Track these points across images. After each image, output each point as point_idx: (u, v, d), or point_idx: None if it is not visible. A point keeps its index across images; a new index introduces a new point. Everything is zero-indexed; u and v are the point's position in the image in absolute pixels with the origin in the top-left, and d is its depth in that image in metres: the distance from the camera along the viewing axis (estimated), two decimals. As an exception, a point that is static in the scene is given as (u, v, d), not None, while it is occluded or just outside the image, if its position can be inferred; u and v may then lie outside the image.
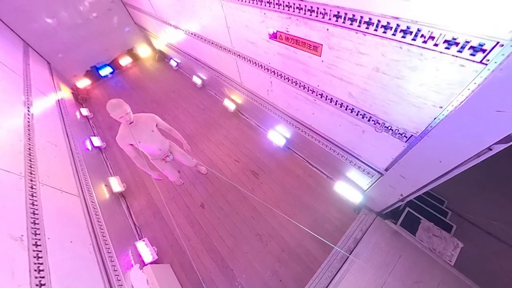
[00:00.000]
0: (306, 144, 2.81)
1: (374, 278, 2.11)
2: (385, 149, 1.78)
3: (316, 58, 1.70)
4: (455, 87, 1.12)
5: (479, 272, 2.24)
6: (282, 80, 2.26)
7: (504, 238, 2.84)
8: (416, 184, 1.71)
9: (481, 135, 1.13)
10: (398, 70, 1.29)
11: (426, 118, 1.34)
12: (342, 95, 1.76)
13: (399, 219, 2.49)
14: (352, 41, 1.39)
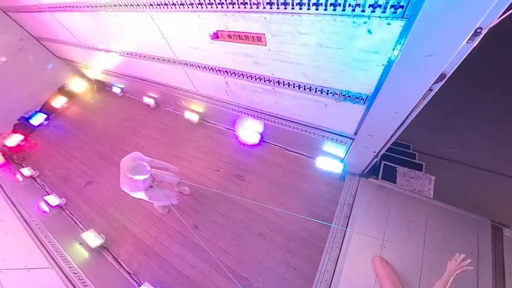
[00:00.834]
0: (279, 132, 2.88)
1: (375, 233, 2.31)
2: (349, 116, 1.93)
3: (263, 48, 1.75)
4: (388, 44, 1.26)
5: (454, 195, 2.60)
6: (237, 77, 2.27)
7: (464, 160, 3.32)
8: (384, 138, 1.90)
9: (421, 80, 1.29)
10: (338, 41, 1.39)
11: (374, 78, 1.48)
12: (297, 76, 1.84)
13: (379, 173, 2.74)
14: (291, 24, 1.45)
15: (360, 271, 2.18)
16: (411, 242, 2.21)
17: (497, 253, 2.04)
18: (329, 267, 2.30)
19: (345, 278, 2.18)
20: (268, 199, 2.89)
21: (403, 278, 2.04)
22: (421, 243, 2.19)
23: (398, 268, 2.10)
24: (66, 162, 4.22)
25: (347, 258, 2.26)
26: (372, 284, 2.10)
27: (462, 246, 2.10)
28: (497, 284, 1.92)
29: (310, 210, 2.71)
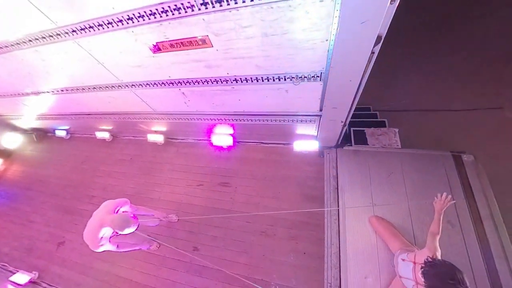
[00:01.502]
0: (250, 129, 2.89)
1: (364, 195, 2.49)
2: (310, 95, 2.02)
3: (211, 50, 1.72)
4: (326, 20, 1.34)
5: (416, 139, 2.93)
6: (192, 86, 2.21)
7: (416, 107, 3.75)
8: (346, 106, 2.04)
9: (363, 45, 1.41)
10: (281, 27, 1.44)
11: (323, 54, 1.57)
12: (252, 70, 1.86)
13: (351, 140, 2.94)
14: (231, 20, 1.45)
15: (362, 234, 2.34)
16: (395, 192, 2.44)
17: (463, 177, 2.37)
18: (333, 240, 2.42)
19: (350, 244, 2.32)
20: (260, 196, 2.90)
21: (398, 227, 2.25)
22: (403, 190, 2.43)
23: (391, 220, 2.30)
24: (25, 230, 3.67)
25: (346, 227, 2.40)
26: (374, 242, 2.27)
27: (436, 181, 2.38)
28: (470, 202, 2.24)
29: (301, 192, 2.80)
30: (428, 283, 1.46)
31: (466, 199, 2.26)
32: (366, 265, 2.21)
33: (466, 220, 2.18)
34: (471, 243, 2.09)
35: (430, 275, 1.46)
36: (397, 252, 2.01)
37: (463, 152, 2.48)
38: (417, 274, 1.61)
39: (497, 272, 1.95)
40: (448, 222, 2.16)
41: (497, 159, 3.01)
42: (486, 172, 2.38)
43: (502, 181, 2.60)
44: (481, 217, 2.17)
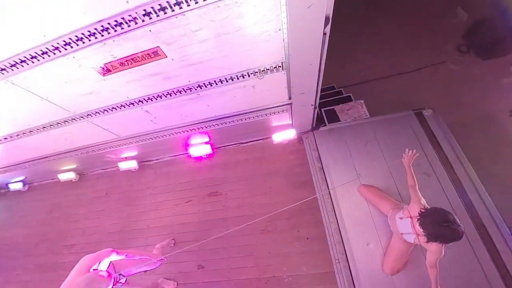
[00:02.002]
0: (226, 132, 2.86)
1: (348, 168, 2.62)
2: (277, 86, 2.06)
3: (166, 61, 1.65)
4: (275, 10, 1.36)
5: (383, 104, 3.15)
6: (155, 101, 2.10)
7: (374, 76, 4.03)
8: (312, 90, 2.11)
9: (314, 28, 1.46)
10: (232, 24, 1.43)
11: (279, 43, 1.60)
12: (213, 73, 1.83)
13: (325, 120, 3.07)
14: (179, 26, 1.40)
15: (355, 205, 2.47)
16: (374, 159, 2.61)
17: (427, 130, 2.62)
18: (331, 218, 2.52)
19: (347, 218, 2.44)
20: (252, 196, 2.90)
21: (384, 189, 2.42)
22: (380, 155, 2.61)
23: (377, 184, 2.47)
24: (-1, 304, 3.23)
25: (339, 202, 2.52)
26: (367, 209, 2.42)
27: (406, 140, 2.60)
28: (438, 151, 2.49)
29: (290, 181, 2.86)
30: (427, 231, 1.60)
31: (435, 149, 2.51)
32: (365, 233, 2.35)
33: (438, 168, 2.42)
34: (447, 186, 2.33)
35: (427, 224, 1.61)
36: (389, 212, 2.16)
37: (422, 108, 2.74)
38: (415, 227, 1.76)
39: (473, 206, 2.21)
40: (425, 173, 2.38)
41: (451, 107, 3.38)
42: (445, 121, 2.66)
43: (459, 126, 2.93)
44: (450, 162, 2.43)
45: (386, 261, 2.15)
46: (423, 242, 1.72)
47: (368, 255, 2.27)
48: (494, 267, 1.99)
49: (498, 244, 2.05)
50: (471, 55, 3.76)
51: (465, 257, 2.04)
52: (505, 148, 3.12)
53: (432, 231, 1.58)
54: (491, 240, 2.08)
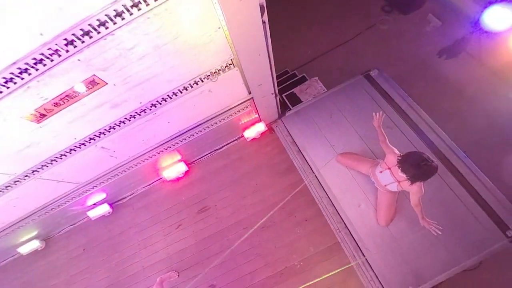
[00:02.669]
0: (196, 144, 2.77)
1: (322, 143, 2.76)
2: (234, 84, 2.05)
3: (108, 88, 1.52)
4: (209, 9, 1.34)
5: (335, 76, 3.35)
6: (109, 134, 1.94)
7: (320, 52, 4.26)
8: (268, 79, 2.15)
9: (251, 19, 1.48)
10: (169, 32, 1.37)
11: (223, 42, 1.59)
12: (164, 87, 1.75)
13: (288, 105, 3.17)
14: (111, 47, 1.30)
15: (338, 175, 2.62)
16: (342, 127, 2.79)
17: (379, 89, 2.87)
18: (321, 194, 2.64)
19: (334, 188, 2.58)
20: (242, 198, 2.88)
21: (359, 152, 2.62)
22: (346, 123, 2.80)
23: (352, 150, 2.65)
24: None
25: (323, 176, 2.65)
26: (350, 175, 2.59)
27: (364, 102, 2.82)
28: (392, 105, 2.75)
29: (274, 172, 2.91)
30: (409, 174, 1.78)
31: (389, 104, 2.78)
32: (354, 197, 2.52)
33: (397, 119, 2.69)
34: (408, 133, 2.61)
35: (407, 168, 1.78)
36: (369, 171, 2.34)
37: (369, 70, 3.00)
38: (395, 175, 1.94)
39: (433, 143, 2.52)
40: (387, 127, 2.62)
41: (392, 63, 3.76)
42: (390, 76, 2.95)
43: (402, 77, 3.28)
44: (404, 111, 2.71)
45: (378, 215, 2.35)
46: (406, 186, 1.91)
47: (362, 215, 2.44)
48: (463, 189, 2.31)
49: (460, 169, 2.38)
50: (395, 13, 4.21)
51: (439, 188, 2.32)
52: (444, 85, 3.59)
53: (414, 173, 1.76)
54: (454, 167, 2.40)
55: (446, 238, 2.14)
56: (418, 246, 2.22)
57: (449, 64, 3.69)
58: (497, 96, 3.39)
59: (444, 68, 3.70)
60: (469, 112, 3.33)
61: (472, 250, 2.13)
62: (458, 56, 3.64)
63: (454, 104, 3.42)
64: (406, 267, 2.20)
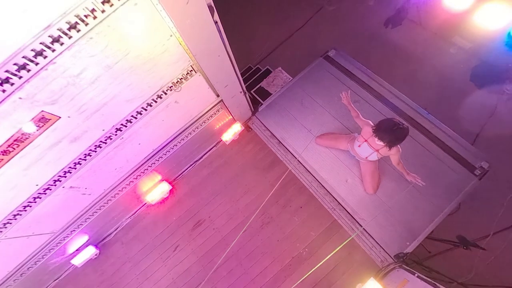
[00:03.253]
0: (174, 160, 2.68)
1: (299, 130, 2.85)
2: (200, 90, 2.01)
3: (62, 122, 1.39)
4: (156, 17, 1.29)
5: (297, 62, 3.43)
6: (75, 171, 1.79)
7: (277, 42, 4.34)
8: (233, 78, 2.15)
9: (203, 21, 1.46)
10: (117, 50, 1.29)
11: (178, 49, 1.54)
12: (126, 108, 1.66)
13: (259, 100, 3.20)
14: (56, 77, 1.19)
15: (320, 156, 2.73)
16: (315, 111, 2.90)
17: (339, 67, 3.01)
18: (309, 178, 2.73)
19: (320, 170, 2.69)
20: (235, 202, 2.86)
21: (335, 130, 2.74)
22: (318, 105, 2.91)
23: (328, 130, 2.77)
24: None
25: (307, 161, 2.73)
26: (331, 154, 2.71)
27: (329, 83, 2.95)
28: (354, 79, 2.91)
29: (260, 168, 2.94)
30: (386, 141, 1.92)
31: (352, 79, 2.94)
32: (340, 174, 2.64)
33: (361, 92, 2.86)
34: (373, 103, 2.80)
35: (383, 135, 1.92)
36: (348, 147, 2.47)
37: (327, 51, 3.13)
38: (373, 145, 2.07)
39: (397, 107, 2.73)
40: (355, 102, 2.78)
41: (345, 39, 3.97)
42: (347, 52, 3.12)
43: (358, 51, 3.49)
44: (366, 83, 2.89)
45: (365, 184, 2.49)
46: (385, 152, 2.05)
47: (351, 189, 2.57)
48: (431, 142, 2.55)
49: (425, 125, 2.62)
50: (337, -8, 4.45)
51: (410, 147, 2.53)
52: (395, 52, 3.90)
53: (389, 139, 1.90)
54: (420, 125, 2.63)
55: (426, 190, 2.35)
56: (406, 204, 2.41)
57: (395, 32, 4.01)
58: (441, 53, 3.77)
59: (392, 37, 4.01)
60: (421, 72, 3.67)
61: (451, 195, 2.37)
62: (401, 24, 3.96)
63: (407, 68, 3.73)
64: (400, 226, 2.37)
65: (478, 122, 3.33)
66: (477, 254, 2.21)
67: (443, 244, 2.54)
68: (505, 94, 3.37)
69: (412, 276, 1.95)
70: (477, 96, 3.43)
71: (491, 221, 2.34)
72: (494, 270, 2.24)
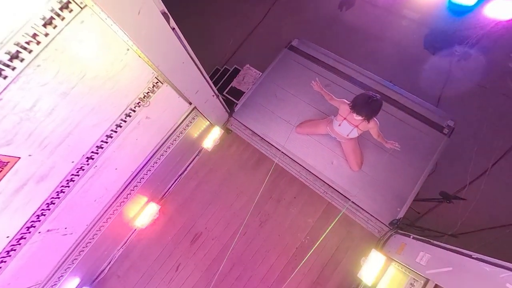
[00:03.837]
0: (157, 178, 2.58)
1: (278, 123, 2.89)
2: (170, 101, 1.95)
3: (22, 162, 1.27)
4: (108, 33, 1.22)
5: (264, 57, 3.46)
6: (49, 213, 1.65)
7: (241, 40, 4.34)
8: (203, 83, 2.11)
9: (159, 29, 1.41)
10: (71, 73, 1.21)
11: (139, 62, 1.48)
12: (93, 133, 1.56)
13: (233, 100, 3.19)
14: (6, 114, 1.08)
15: (303, 144, 2.80)
16: (289, 101, 2.96)
17: (304, 55, 3.10)
18: (297, 168, 2.79)
19: (306, 157, 2.76)
20: (229, 208, 2.84)
21: (313, 116, 2.82)
22: (291, 95, 2.97)
23: (306, 117, 2.84)
24: None
25: (291, 151, 2.79)
26: (313, 139, 2.79)
27: (299, 72, 3.03)
28: (321, 64, 3.01)
29: (248, 167, 2.95)
30: (363, 114, 2.01)
31: (318, 65, 3.04)
32: (324, 157, 2.73)
33: (329, 75, 2.98)
34: (343, 83, 2.92)
35: (360, 109, 2.01)
36: (327, 130, 2.55)
37: (290, 41, 3.20)
38: (352, 121, 2.16)
39: (364, 84, 2.88)
40: (327, 85, 2.88)
41: (305, 27, 4.08)
42: (309, 40, 3.21)
43: (319, 37, 3.60)
44: (332, 66, 3.00)
45: (350, 162, 2.61)
46: (364, 126, 2.15)
47: (338, 169, 2.68)
48: (401, 111, 2.73)
49: (393, 96, 2.80)
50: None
51: (383, 119, 2.67)
52: (353, 33, 4.09)
53: (367, 111, 1.99)
54: (389, 97, 2.79)
55: (405, 156, 2.52)
56: (390, 173, 2.57)
57: (350, 13, 4.21)
58: (395, 27, 4.02)
59: (348, 18, 4.20)
60: (380, 48, 3.89)
61: (427, 156, 2.56)
62: (354, 5, 4.16)
63: (367, 45, 3.94)
64: (388, 195, 2.52)
65: (438, 85, 3.62)
66: (459, 205, 2.42)
67: (429, 203, 2.75)
68: (456, 56, 3.69)
69: (408, 238, 2.09)
70: (433, 61, 3.73)
71: (465, 173, 2.57)
72: (476, 215, 2.47)
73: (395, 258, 2.08)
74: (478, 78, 3.53)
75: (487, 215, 2.82)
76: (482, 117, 3.30)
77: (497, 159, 3.01)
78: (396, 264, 2.06)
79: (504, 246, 2.57)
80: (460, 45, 3.62)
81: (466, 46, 3.58)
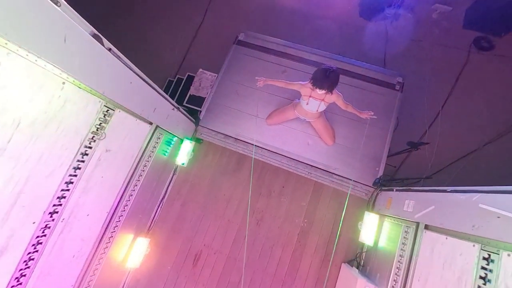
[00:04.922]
0: (138, 210, 2.43)
1: (248, 120, 2.90)
2: (129, 126, 1.84)
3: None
4: (36, 72, 1.10)
5: (214, 57, 3.42)
6: (24, 278, 1.45)
7: (187, 43, 4.22)
8: (159, 99, 2.03)
9: (94, 54, 1.31)
10: (3, 124, 1.06)
11: (81, 94, 1.36)
12: (50, 184, 1.40)
13: (196, 108, 3.11)
14: None
15: (277, 134, 2.87)
16: (252, 96, 2.99)
17: (254, 47, 3.13)
18: (277, 157, 2.85)
19: (282, 145, 2.85)
20: (221, 217, 2.79)
21: (279, 105, 2.88)
22: (250, 89, 3.00)
23: (271, 108, 2.90)
24: None
25: (267, 142, 2.84)
26: (285, 127, 2.86)
27: (252, 65, 3.06)
28: (273, 53, 3.08)
29: (230, 172, 2.92)
30: (325, 86, 2.11)
31: (270, 53, 3.10)
32: (299, 140, 2.83)
33: (284, 61, 3.08)
34: (297, 66, 3.04)
35: (321, 83, 2.11)
36: (295, 114, 2.64)
37: (236, 36, 3.21)
38: (318, 96, 2.25)
39: (317, 62, 3.01)
40: (282, 72, 2.97)
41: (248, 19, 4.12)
42: (255, 31, 3.25)
43: (266, 26, 3.67)
44: (282, 52, 3.09)
45: (324, 138, 2.74)
46: (329, 99, 2.26)
47: (315, 148, 2.80)
48: (355, 79, 2.93)
49: (345, 67, 2.99)
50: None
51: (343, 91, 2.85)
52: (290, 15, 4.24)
53: (327, 83, 2.09)
54: (341, 69, 2.95)
55: (370, 119, 2.72)
56: (360, 139, 2.75)
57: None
58: (329, 3, 4.26)
59: (285, 2, 4.33)
60: (321, 25, 4.11)
61: (388, 114, 2.80)
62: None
63: (309, 25, 4.13)
64: (364, 159, 2.72)
65: (380, 47, 3.95)
66: (426, 149, 2.71)
67: (401, 155, 3.02)
68: (388, 18, 4.06)
69: (392, 192, 2.28)
70: (370, 27, 4.05)
71: (423, 120, 2.88)
72: (442, 154, 2.81)
73: (386, 214, 2.26)
74: (412, 33, 3.94)
75: (450, 150, 3.19)
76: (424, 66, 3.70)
77: (445, 100, 3.43)
78: (388, 219, 2.25)
79: (471, 172, 2.97)
80: (389, 8, 3.99)
81: (395, 7, 3.96)
